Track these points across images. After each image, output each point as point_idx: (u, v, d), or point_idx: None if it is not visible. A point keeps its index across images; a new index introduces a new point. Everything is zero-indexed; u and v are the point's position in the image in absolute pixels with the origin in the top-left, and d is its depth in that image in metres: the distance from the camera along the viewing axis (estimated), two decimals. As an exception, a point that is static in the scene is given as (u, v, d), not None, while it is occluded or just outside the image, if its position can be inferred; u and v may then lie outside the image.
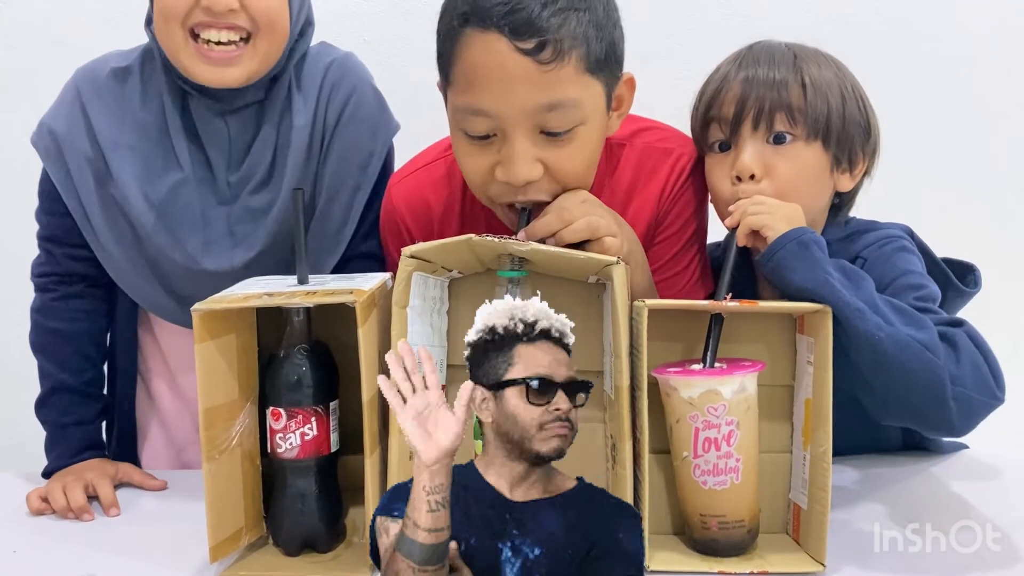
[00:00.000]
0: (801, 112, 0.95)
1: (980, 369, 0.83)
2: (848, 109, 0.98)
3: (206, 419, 0.78)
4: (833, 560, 0.79)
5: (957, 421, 0.84)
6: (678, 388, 0.81)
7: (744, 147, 0.96)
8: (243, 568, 0.81)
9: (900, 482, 1.02)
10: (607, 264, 0.79)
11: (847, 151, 0.98)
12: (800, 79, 0.96)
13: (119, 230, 1.04)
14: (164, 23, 0.96)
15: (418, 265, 0.82)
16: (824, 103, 0.96)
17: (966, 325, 0.86)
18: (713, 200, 1.03)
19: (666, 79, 1.19)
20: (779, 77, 0.96)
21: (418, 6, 1.78)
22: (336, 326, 0.83)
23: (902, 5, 1.72)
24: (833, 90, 0.97)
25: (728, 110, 0.97)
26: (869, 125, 1.00)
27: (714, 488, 0.80)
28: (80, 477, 1.00)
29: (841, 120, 0.97)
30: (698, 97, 1.03)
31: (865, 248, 0.99)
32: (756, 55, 0.99)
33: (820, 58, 1.00)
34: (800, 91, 0.96)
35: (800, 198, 0.94)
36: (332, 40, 1.18)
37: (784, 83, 0.96)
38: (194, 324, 0.77)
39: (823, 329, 0.79)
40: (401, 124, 1.16)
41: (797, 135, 0.96)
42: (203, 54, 0.96)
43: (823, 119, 0.96)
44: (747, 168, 0.95)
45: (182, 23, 0.95)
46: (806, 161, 0.96)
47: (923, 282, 0.94)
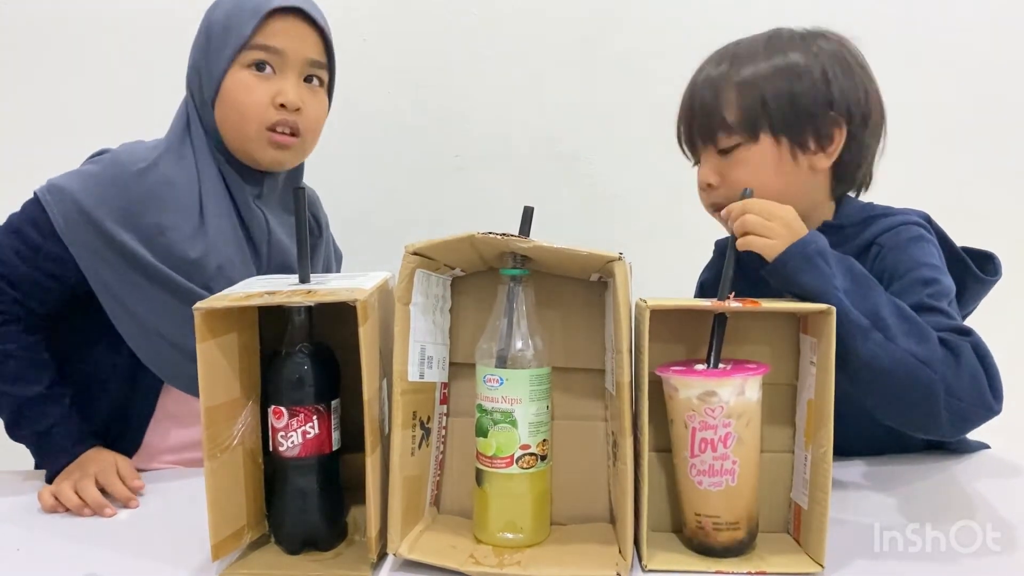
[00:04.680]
0: (735, 120, 1.00)
1: (979, 381, 0.84)
2: (798, 95, 1.00)
3: (207, 418, 0.78)
4: (833, 560, 0.79)
5: (948, 430, 0.86)
6: (678, 388, 0.81)
7: (703, 161, 1.05)
8: (244, 566, 0.81)
9: (900, 482, 1.02)
10: (609, 260, 0.80)
11: (808, 132, 1.00)
12: (734, 86, 1.01)
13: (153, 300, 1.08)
14: (241, 119, 1.13)
15: (421, 262, 0.83)
16: (758, 104, 1.00)
17: (973, 336, 0.86)
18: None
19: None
20: (711, 90, 1.02)
21: (418, 6, 1.79)
22: (337, 325, 0.83)
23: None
24: (769, 79, 1.00)
25: (682, 134, 1.07)
26: (833, 97, 1.00)
27: (709, 489, 0.81)
28: (86, 473, 1.00)
29: (789, 108, 1.00)
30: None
31: (881, 234, 1.00)
32: (700, 70, 1.06)
33: (755, 47, 1.04)
34: (734, 99, 1.00)
35: (765, 192, 0.95)
36: (332, 41, 1.20)
37: (714, 103, 1.02)
38: (196, 323, 0.77)
39: (826, 329, 0.79)
40: (403, 122, 1.32)
41: (739, 142, 1.01)
42: (273, 141, 1.14)
43: (767, 115, 1.00)
44: (702, 181, 1.05)
45: (259, 120, 1.13)
46: (757, 159, 1.01)
47: (936, 276, 0.94)
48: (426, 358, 0.86)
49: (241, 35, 1.11)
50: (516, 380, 0.82)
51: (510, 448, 0.83)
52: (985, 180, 1.74)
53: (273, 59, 1.13)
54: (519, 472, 0.83)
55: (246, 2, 1.13)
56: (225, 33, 1.13)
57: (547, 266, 0.87)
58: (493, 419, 0.83)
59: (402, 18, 1.78)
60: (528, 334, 0.84)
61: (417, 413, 0.85)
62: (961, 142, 1.76)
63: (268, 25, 1.12)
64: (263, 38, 1.12)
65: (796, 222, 0.89)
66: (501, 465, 0.83)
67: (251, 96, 1.12)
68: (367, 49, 1.76)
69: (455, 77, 1.80)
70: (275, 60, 1.13)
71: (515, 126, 1.80)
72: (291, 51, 1.13)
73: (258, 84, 1.12)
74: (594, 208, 1.81)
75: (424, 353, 0.86)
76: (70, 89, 1.79)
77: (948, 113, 1.75)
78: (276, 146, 1.14)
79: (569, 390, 0.89)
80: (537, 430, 0.83)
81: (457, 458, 0.91)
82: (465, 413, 0.90)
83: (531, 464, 0.83)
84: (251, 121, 1.13)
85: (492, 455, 0.83)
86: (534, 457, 0.83)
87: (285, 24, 1.13)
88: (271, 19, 1.12)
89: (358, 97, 1.74)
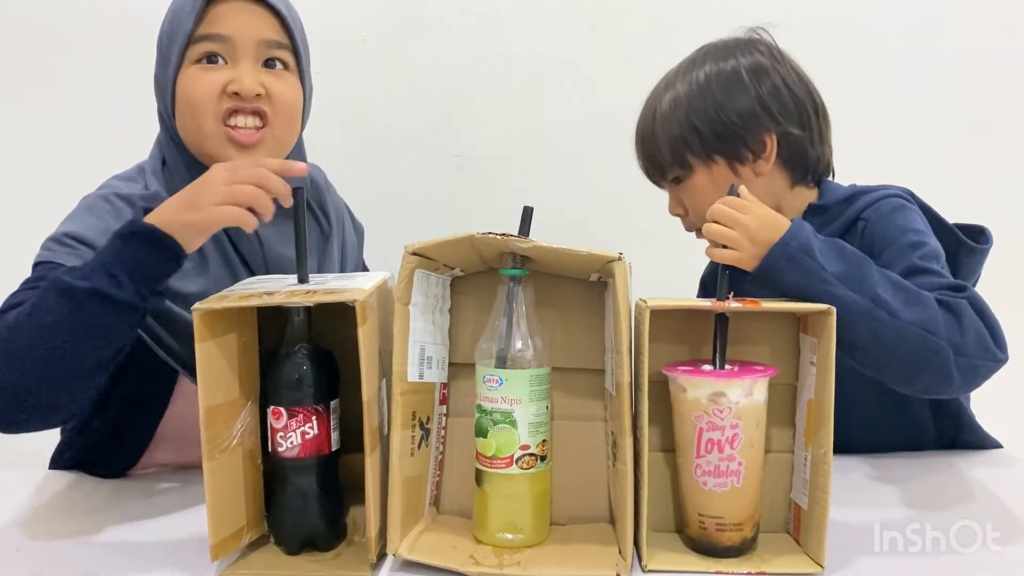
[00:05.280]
0: (667, 158, 1.08)
1: (982, 336, 0.86)
2: (710, 113, 1.05)
3: (207, 418, 0.78)
4: (833, 559, 0.79)
5: (960, 387, 0.88)
6: (686, 388, 0.81)
7: (668, 192, 1.14)
8: (244, 567, 0.80)
9: (900, 481, 1.02)
10: (609, 260, 0.80)
11: (738, 145, 1.05)
12: (657, 119, 1.08)
13: None
14: (193, 115, 1.03)
15: (420, 262, 0.83)
16: (679, 132, 1.06)
17: (968, 291, 0.88)
18: None
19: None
20: (644, 139, 1.10)
21: (418, 7, 1.79)
22: (337, 325, 0.83)
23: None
24: (689, 103, 1.06)
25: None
26: (754, 106, 1.05)
27: (714, 489, 0.81)
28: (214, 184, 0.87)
29: (710, 132, 1.05)
30: None
31: (864, 209, 1.03)
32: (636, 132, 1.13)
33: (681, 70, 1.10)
34: (660, 133, 1.08)
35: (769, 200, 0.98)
36: (332, 41, 1.18)
37: (649, 144, 1.09)
38: (195, 323, 0.77)
39: (826, 330, 0.79)
40: (403, 122, 1.21)
41: (692, 165, 1.07)
42: (231, 137, 1.03)
43: (684, 147, 1.06)
44: (671, 212, 1.13)
45: (213, 112, 1.02)
46: (702, 185, 1.07)
47: (923, 239, 0.97)
48: (426, 358, 0.86)
49: (184, 31, 1.03)
50: (516, 380, 0.82)
51: (510, 448, 0.82)
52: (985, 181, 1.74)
53: (221, 48, 1.03)
54: (519, 472, 0.83)
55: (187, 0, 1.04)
56: (171, 36, 1.05)
57: (547, 266, 0.87)
58: (493, 419, 0.83)
59: (402, 19, 1.78)
60: (528, 334, 0.84)
61: (417, 413, 0.85)
62: (961, 142, 1.76)
63: (210, 14, 1.03)
64: (206, 27, 1.03)
65: (764, 227, 0.87)
66: (501, 465, 0.83)
67: (199, 87, 1.02)
68: (367, 50, 1.76)
69: (455, 77, 1.80)
70: (224, 49, 1.03)
71: (515, 126, 1.80)
72: (240, 35, 1.03)
73: (207, 76, 1.02)
74: (594, 208, 1.81)
75: (424, 353, 0.86)
76: (70, 89, 1.79)
77: (949, 113, 1.75)
78: (238, 145, 1.04)
79: (569, 390, 0.89)
80: (537, 430, 0.83)
81: (457, 458, 0.91)
82: (465, 413, 0.90)
83: (531, 464, 0.83)
84: (204, 115, 1.02)
85: (492, 455, 0.83)
86: (534, 457, 0.83)
87: (229, 7, 1.04)
88: (213, 7, 1.03)
89: (358, 98, 1.75)
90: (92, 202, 1.02)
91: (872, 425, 1.09)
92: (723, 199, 0.90)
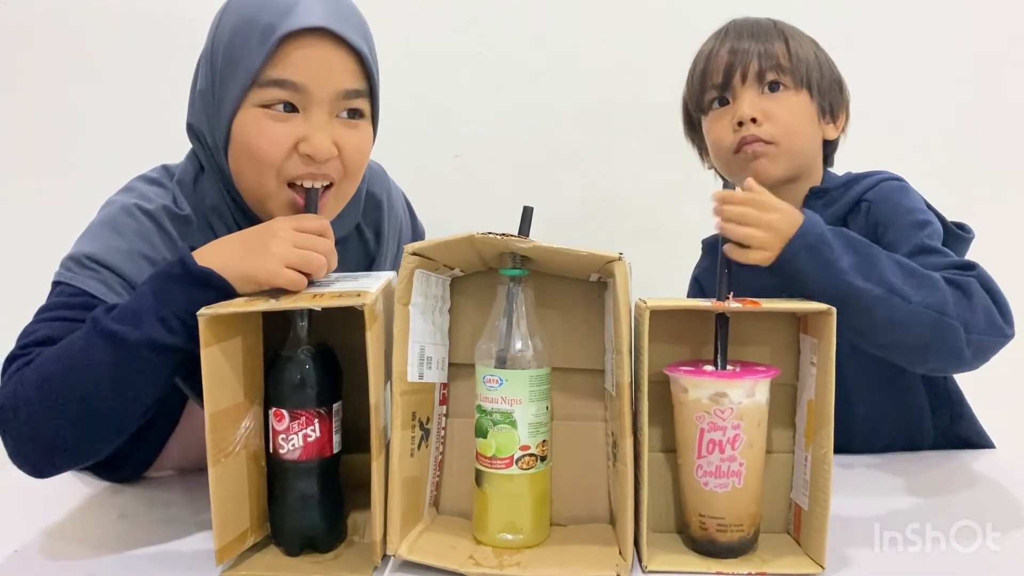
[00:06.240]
0: (788, 64, 1.07)
1: (991, 313, 0.89)
2: (824, 69, 1.10)
3: (212, 423, 0.77)
4: (833, 559, 0.79)
5: (970, 363, 0.90)
6: (688, 388, 0.81)
7: (742, 98, 1.07)
8: (244, 568, 0.80)
9: (900, 482, 1.02)
10: (609, 261, 0.79)
11: (829, 103, 1.10)
12: (783, 42, 1.08)
13: None
14: (255, 168, 0.92)
15: (420, 263, 0.82)
16: (805, 60, 1.08)
17: (976, 268, 0.91)
18: (715, 154, 1.13)
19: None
20: (762, 43, 1.08)
21: (418, 7, 1.79)
22: (340, 326, 0.83)
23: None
24: (810, 54, 1.09)
25: (719, 75, 1.08)
26: (842, 87, 1.13)
27: (715, 490, 0.80)
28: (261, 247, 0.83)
29: (820, 75, 1.09)
30: (689, 74, 1.14)
31: (867, 191, 1.06)
32: (739, 27, 1.11)
33: (798, 31, 1.12)
34: (784, 48, 1.07)
35: (798, 133, 1.06)
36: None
37: (768, 46, 1.08)
38: (200, 328, 0.76)
39: (826, 330, 0.79)
40: (403, 122, 1.22)
41: (787, 84, 1.07)
42: (296, 204, 0.93)
43: (806, 71, 1.08)
44: (747, 114, 1.05)
45: (278, 172, 0.91)
46: (799, 106, 1.08)
47: (928, 218, 1.01)
48: (425, 359, 0.86)
49: (249, 68, 0.89)
50: (516, 381, 0.82)
51: (510, 449, 0.82)
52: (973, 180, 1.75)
53: (294, 97, 0.90)
54: (519, 473, 0.83)
55: (256, 18, 0.89)
56: (231, 61, 0.91)
57: (547, 266, 0.87)
58: (493, 420, 0.83)
59: (402, 18, 1.78)
60: (528, 334, 0.84)
61: (416, 414, 0.85)
62: (962, 141, 1.76)
63: (284, 53, 0.89)
64: (279, 71, 0.89)
65: (789, 223, 0.87)
66: (501, 466, 0.83)
67: (265, 140, 0.90)
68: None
69: (455, 77, 1.80)
70: (297, 98, 0.90)
71: (515, 126, 1.80)
72: (317, 86, 0.90)
73: (275, 127, 0.90)
74: (594, 208, 1.81)
75: (423, 354, 0.86)
76: (70, 89, 1.79)
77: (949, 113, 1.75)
78: (300, 209, 0.93)
79: (569, 390, 0.89)
80: (537, 431, 0.83)
81: (456, 459, 0.91)
82: (464, 414, 0.90)
83: (531, 465, 0.83)
84: (267, 172, 0.91)
85: (492, 456, 0.83)
86: (534, 458, 0.83)
87: (307, 51, 0.89)
88: (287, 44, 0.88)
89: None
90: (115, 216, 0.95)
91: (870, 417, 1.10)
92: (740, 198, 0.88)
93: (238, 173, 0.94)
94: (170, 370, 0.83)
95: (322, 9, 0.90)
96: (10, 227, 1.75)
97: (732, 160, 1.09)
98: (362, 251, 1.13)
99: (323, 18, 0.89)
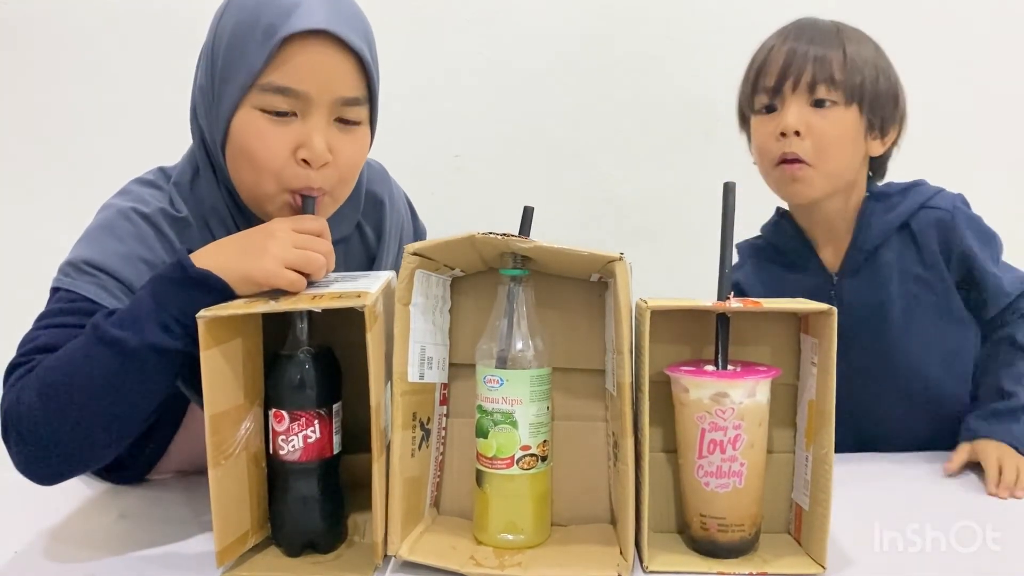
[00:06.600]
0: (841, 77, 1.06)
1: None
2: (881, 81, 1.09)
3: (212, 425, 0.77)
4: (832, 559, 0.79)
5: None
6: (689, 388, 0.81)
7: (788, 108, 1.08)
8: (245, 569, 0.80)
9: (900, 482, 1.02)
10: (609, 261, 0.80)
11: (879, 118, 1.10)
12: (841, 50, 1.07)
13: None
14: (253, 170, 0.92)
15: (421, 263, 0.82)
16: (860, 74, 1.08)
17: None
18: (759, 159, 1.14)
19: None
20: (821, 48, 1.08)
21: (417, 7, 1.79)
22: (340, 326, 0.83)
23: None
24: (868, 63, 1.09)
25: (771, 79, 1.09)
26: (898, 99, 1.12)
27: (716, 490, 0.80)
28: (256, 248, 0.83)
29: (874, 90, 1.08)
30: (748, 67, 1.14)
31: (928, 200, 1.12)
32: (800, 28, 1.11)
33: (860, 35, 1.11)
34: (840, 60, 1.07)
35: (837, 155, 1.08)
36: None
37: (825, 54, 1.07)
38: (199, 331, 0.76)
39: (827, 330, 0.79)
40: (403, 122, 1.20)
41: (836, 100, 1.07)
42: (293, 207, 0.93)
43: (859, 87, 1.07)
44: (791, 126, 1.07)
45: (276, 176, 0.91)
46: (844, 123, 1.08)
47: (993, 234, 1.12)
48: (426, 359, 0.86)
49: (250, 69, 0.88)
50: (516, 381, 0.82)
51: (510, 449, 0.82)
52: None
53: (295, 104, 0.89)
54: (519, 473, 0.83)
55: (259, 17, 0.88)
56: (230, 59, 0.90)
57: (547, 266, 0.87)
58: (493, 420, 0.83)
59: (401, 19, 1.78)
60: (528, 334, 0.84)
61: (417, 414, 0.85)
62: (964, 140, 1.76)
63: (285, 55, 0.88)
64: (279, 77, 0.88)
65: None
66: (501, 466, 0.83)
67: (263, 143, 0.90)
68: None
69: (455, 77, 1.80)
70: (296, 104, 0.89)
71: (515, 126, 1.80)
72: (317, 91, 0.89)
73: (274, 131, 0.90)
74: (594, 208, 1.81)
75: (424, 354, 0.86)
76: (70, 89, 1.79)
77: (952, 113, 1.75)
78: (296, 211, 0.93)
79: (570, 391, 0.89)
80: (537, 431, 0.83)
81: (457, 459, 0.91)
82: (465, 414, 0.90)
83: (531, 465, 0.83)
84: (265, 176, 0.91)
85: (492, 456, 0.83)
86: (535, 458, 0.83)
87: (308, 55, 0.88)
88: (289, 46, 0.87)
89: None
90: (112, 220, 0.95)
91: (899, 421, 1.15)
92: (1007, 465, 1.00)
93: (236, 173, 0.94)
94: (172, 373, 0.83)
95: (324, 11, 0.89)
96: (10, 227, 1.75)
97: (771, 172, 1.12)
98: (363, 250, 1.13)
99: (325, 20, 0.88)
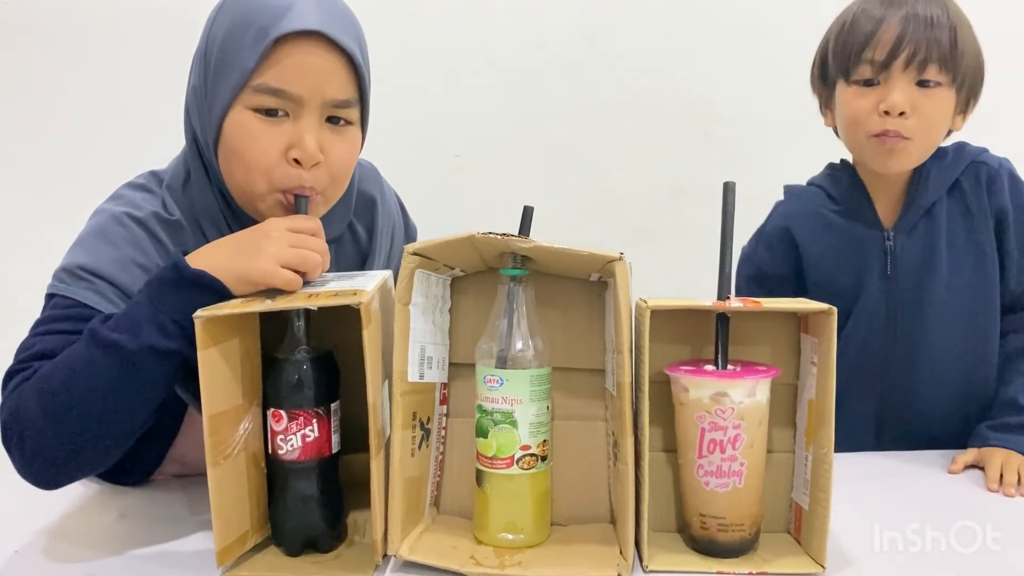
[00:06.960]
0: (952, 61, 1.05)
1: None
2: (979, 60, 1.09)
3: (211, 426, 0.77)
4: (832, 559, 0.79)
5: None
6: (689, 388, 0.81)
7: (895, 85, 1.05)
8: (245, 569, 0.80)
9: (900, 482, 1.02)
10: (609, 260, 0.80)
11: (971, 96, 1.10)
12: (951, 29, 1.05)
13: None
14: (244, 171, 0.92)
15: (421, 262, 0.82)
16: (965, 57, 1.06)
17: None
18: (849, 128, 1.11)
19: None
20: (934, 26, 1.04)
21: (417, 7, 1.79)
22: (337, 325, 0.83)
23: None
24: (970, 44, 1.08)
25: (882, 53, 1.05)
26: (984, 79, 1.11)
27: (715, 490, 0.81)
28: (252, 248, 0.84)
29: (974, 74, 1.09)
30: (845, 31, 1.09)
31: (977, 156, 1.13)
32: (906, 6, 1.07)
33: (959, 9, 1.09)
34: (951, 41, 1.04)
35: (937, 133, 1.09)
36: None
37: (939, 25, 1.04)
38: (196, 331, 0.76)
39: (827, 330, 0.79)
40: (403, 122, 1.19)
41: (942, 82, 1.06)
42: (285, 207, 0.93)
43: (964, 71, 1.07)
44: (898, 106, 1.04)
45: (268, 177, 0.91)
46: (947, 104, 1.08)
47: None
48: (426, 358, 0.86)
49: (242, 69, 0.88)
50: (516, 380, 0.82)
51: (510, 449, 0.82)
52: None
53: (287, 105, 0.90)
54: (519, 473, 0.83)
55: (252, 18, 0.89)
56: (223, 60, 0.91)
57: (547, 266, 0.87)
58: (493, 419, 0.83)
59: (402, 18, 1.78)
60: (528, 334, 0.84)
61: (417, 414, 0.85)
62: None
63: (277, 56, 0.88)
64: (270, 78, 0.89)
65: None
66: (501, 466, 0.83)
67: (255, 144, 0.90)
68: (366, 49, 1.76)
69: (455, 77, 1.80)
70: (290, 106, 0.90)
71: (515, 126, 1.80)
72: (309, 93, 0.90)
73: (265, 131, 0.90)
74: (594, 208, 1.81)
75: (424, 353, 0.86)
76: (70, 89, 1.79)
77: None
78: (288, 211, 0.93)
79: (569, 390, 0.89)
80: (537, 431, 0.83)
81: (457, 459, 0.91)
82: (465, 413, 0.90)
83: (531, 465, 0.83)
84: (256, 176, 0.91)
85: (492, 456, 0.83)
86: (534, 458, 0.83)
87: (299, 57, 0.89)
88: (281, 47, 0.88)
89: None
90: (105, 225, 0.95)
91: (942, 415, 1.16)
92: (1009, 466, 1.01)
93: (228, 173, 0.95)
94: (171, 375, 0.83)
95: (317, 13, 0.89)
96: (10, 227, 1.75)
97: (865, 143, 1.10)
98: (355, 249, 1.13)
99: (318, 22, 0.89)
